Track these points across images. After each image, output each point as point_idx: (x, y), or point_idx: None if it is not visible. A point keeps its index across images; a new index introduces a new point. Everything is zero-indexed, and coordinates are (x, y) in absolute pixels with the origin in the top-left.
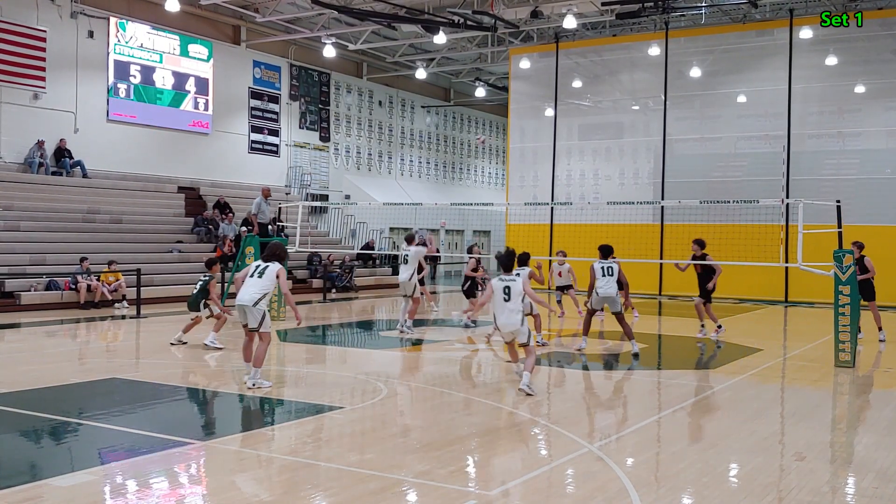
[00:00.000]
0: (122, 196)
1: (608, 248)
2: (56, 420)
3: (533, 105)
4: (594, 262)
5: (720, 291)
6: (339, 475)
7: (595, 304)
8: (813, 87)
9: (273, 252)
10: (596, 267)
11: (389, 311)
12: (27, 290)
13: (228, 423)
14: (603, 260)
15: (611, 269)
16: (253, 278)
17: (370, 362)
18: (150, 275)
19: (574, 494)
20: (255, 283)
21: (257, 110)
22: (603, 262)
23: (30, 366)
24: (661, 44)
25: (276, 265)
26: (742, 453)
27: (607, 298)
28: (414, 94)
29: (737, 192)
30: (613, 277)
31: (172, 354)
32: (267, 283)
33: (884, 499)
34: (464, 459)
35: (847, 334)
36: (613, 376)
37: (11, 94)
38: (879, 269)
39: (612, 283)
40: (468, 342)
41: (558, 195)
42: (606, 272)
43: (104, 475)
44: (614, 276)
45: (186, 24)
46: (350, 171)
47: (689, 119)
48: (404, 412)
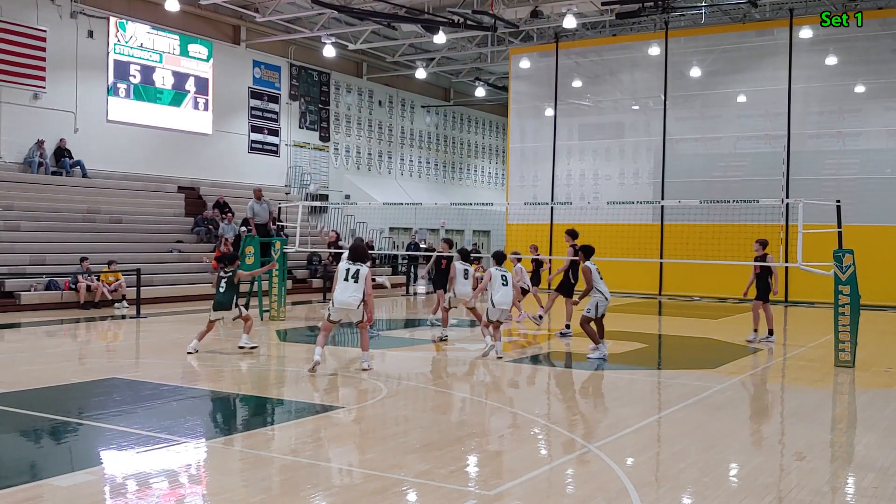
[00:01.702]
0: (122, 196)
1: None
2: (56, 420)
3: (533, 105)
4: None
5: (719, 291)
6: (339, 475)
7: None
8: (813, 87)
9: (361, 253)
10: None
11: (389, 311)
12: (27, 290)
13: (228, 423)
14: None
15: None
16: (348, 282)
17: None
18: (150, 275)
19: (574, 494)
20: (353, 286)
21: (257, 110)
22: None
23: (30, 366)
24: (661, 44)
25: (366, 268)
26: (742, 453)
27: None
28: (414, 94)
29: (737, 192)
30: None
31: (172, 354)
32: (362, 285)
33: (884, 498)
34: (464, 459)
35: (847, 334)
36: (613, 376)
37: (11, 94)
38: (880, 269)
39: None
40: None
41: (558, 195)
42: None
43: (104, 475)
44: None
45: (186, 24)
46: (350, 170)
47: (689, 119)
48: (404, 412)
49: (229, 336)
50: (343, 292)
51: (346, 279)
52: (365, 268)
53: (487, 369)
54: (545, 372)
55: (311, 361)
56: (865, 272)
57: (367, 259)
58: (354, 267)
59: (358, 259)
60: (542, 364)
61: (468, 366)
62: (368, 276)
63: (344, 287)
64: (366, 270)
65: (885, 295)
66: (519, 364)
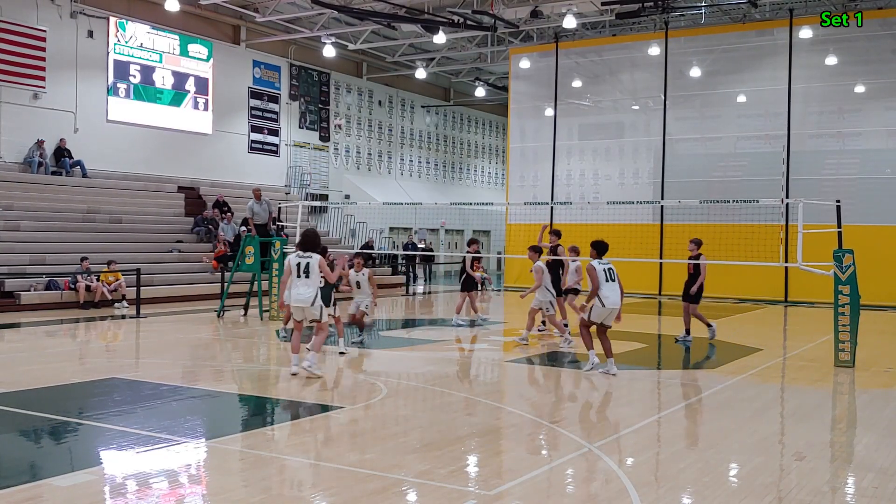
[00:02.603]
0: (122, 196)
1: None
2: (56, 420)
3: (533, 105)
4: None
5: (719, 291)
6: (339, 475)
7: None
8: (813, 87)
9: (310, 242)
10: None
11: (389, 311)
12: (27, 290)
13: (228, 423)
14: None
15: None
16: (300, 277)
17: (370, 362)
18: (150, 275)
19: (574, 494)
20: (304, 281)
21: (257, 110)
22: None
23: (30, 366)
24: (661, 44)
25: (316, 257)
26: (742, 453)
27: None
28: (414, 94)
29: (737, 192)
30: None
31: (172, 354)
32: (315, 279)
33: (884, 498)
34: (464, 459)
35: (847, 334)
36: (613, 377)
37: (11, 94)
38: (880, 269)
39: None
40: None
41: (558, 195)
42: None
43: (104, 475)
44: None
45: (186, 24)
46: (350, 170)
47: (689, 119)
48: (404, 412)
49: (229, 336)
50: (296, 288)
51: (297, 275)
52: (315, 258)
53: (487, 369)
54: (545, 372)
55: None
56: (865, 272)
57: (318, 247)
58: (304, 259)
59: (308, 248)
60: (541, 364)
61: (470, 366)
62: (322, 263)
63: (296, 283)
64: (317, 260)
65: (885, 295)
66: (519, 364)
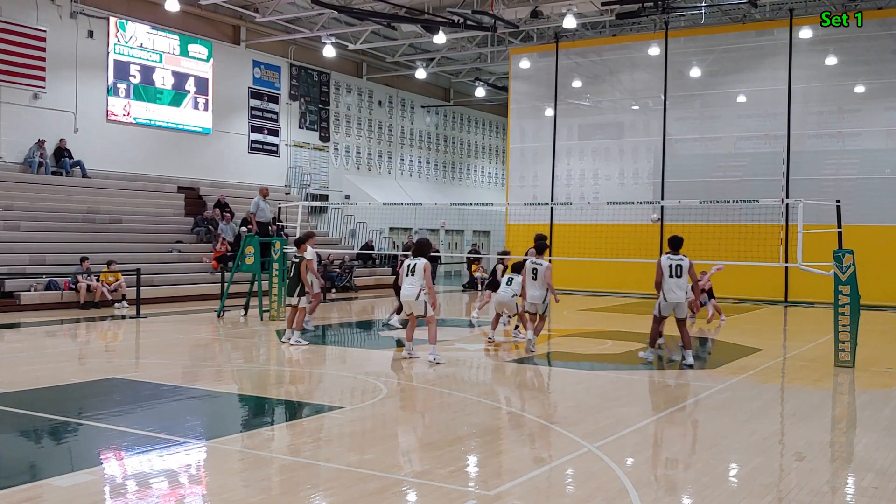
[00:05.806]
0: (122, 196)
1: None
2: (56, 420)
3: (533, 105)
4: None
5: (719, 291)
6: (339, 475)
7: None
8: (813, 87)
9: (423, 248)
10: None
11: (389, 311)
12: (27, 290)
13: (228, 423)
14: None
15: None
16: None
17: (370, 362)
18: (150, 275)
19: (574, 494)
20: (410, 279)
21: (257, 110)
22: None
23: (30, 366)
24: (661, 44)
25: (422, 261)
26: (742, 453)
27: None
28: (414, 94)
29: (737, 192)
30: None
31: (172, 354)
32: (419, 279)
33: (883, 498)
34: (464, 459)
35: (847, 334)
36: (614, 376)
37: (11, 94)
38: (880, 269)
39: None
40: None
41: (558, 195)
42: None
43: (104, 475)
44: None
45: (186, 24)
46: (350, 171)
47: (689, 119)
48: (404, 412)
49: (229, 336)
50: (404, 286)
51: (406, 274)
52: (422, 262)
53: (486, 369)
54: (545, 372)
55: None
56: (865, 272)
57: (427, 254)
58: (413, 262)
59: (417, 254)
60: (541, 364)
61: (469, 366)
62: (427, 267)
63: (404, 281)
64: (423, 263)
65: (885, 295)
66: (518, 364)
